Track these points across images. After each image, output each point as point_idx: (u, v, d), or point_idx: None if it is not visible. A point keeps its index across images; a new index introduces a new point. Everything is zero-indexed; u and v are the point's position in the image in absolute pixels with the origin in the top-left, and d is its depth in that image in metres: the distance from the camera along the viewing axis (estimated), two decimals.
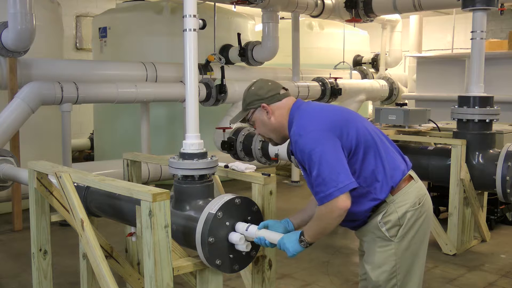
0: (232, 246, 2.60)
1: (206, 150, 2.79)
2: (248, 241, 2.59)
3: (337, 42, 10.40)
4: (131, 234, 3.11)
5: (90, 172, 3.17)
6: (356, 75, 10.36)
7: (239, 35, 7.87)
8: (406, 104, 6.19)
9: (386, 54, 11.18)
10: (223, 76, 6.92)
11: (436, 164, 5.20)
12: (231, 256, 2.61)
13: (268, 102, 2.58)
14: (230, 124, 2.90)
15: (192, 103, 2.78)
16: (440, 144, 5.40)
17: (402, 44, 11.30)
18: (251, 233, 2.56)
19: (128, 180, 3.68)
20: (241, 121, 2.70)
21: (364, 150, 2.45)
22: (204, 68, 7.19)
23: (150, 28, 8.04)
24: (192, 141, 2.77)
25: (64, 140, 5.91)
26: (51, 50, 6.81)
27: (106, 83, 6.17)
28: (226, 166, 3.13)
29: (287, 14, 8.94)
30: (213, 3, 7.30)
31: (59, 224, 5.69)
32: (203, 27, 2.81)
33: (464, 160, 4.95)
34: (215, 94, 6.89)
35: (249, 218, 2.65)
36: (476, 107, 5.04)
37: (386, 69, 11.12)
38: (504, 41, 9.01)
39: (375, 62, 11.15)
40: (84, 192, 3.19)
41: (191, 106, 2.78)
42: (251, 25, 9.14)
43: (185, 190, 2.73)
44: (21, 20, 5.30)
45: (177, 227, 2.67)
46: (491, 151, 5.03)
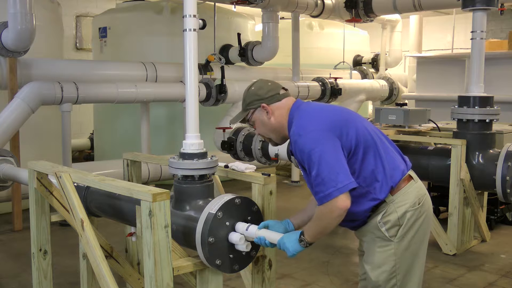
0: (232, 246, 2.60)
1: (206, 150, 2.80)
2: (248, 241, 2.59)
3: (337, 42, 10.40)
4: (131, 234, 3.11)
5: (90, 172, 3.17)
6: (356, 75, 10.35)
7: (239, 35, 7.87)
8: (406, 104, 6.19)
9: (386, 54, 11.17)
10: (223, 76, 6.92)
11: (436, 164, 5.21)
12: (231, 256, 2.61)
13: (268, 102, 2.58)
14: (230, 124, 2.90)
15: (192, 103, 2.78)
16: (440, 144, 5.40)
17: (402, 44, 11.30)
18: (251, 233, 2.56)
19: (128, 180, 3.68)
20: (241, 121, 2.70)
21: (364, 150, 2.45)
22: (204, 68, 7.19)
23: (150, 28, 8.04)
24: (192, 141, 2.77)
25: (64, 140, 5.91)
26: (51, 50, 6.81)
27: (106, 83, 6.17)
28: (226, 166, 3.13)
29: (287, 14, 8.93)
30: (213, 3, 7.30)
31: (59, 224, 5.70)
32: (203, 27, 2.81)
33: (464, 160, 4.95)
34: (215, 94, 6.89)
35: (249, 218, 2.65)
36: (476, 107, 5.04)
37: (386, 69, 11.12)
38: (504, 41, 9.00)
39: (375, 62, 11.15)
40: (84, 192, 3.19)
41: (191, 106, 2.79)
42: (251, 25, 9.14)
43: (185, 190, 2.73)
44: (21, 20, 5.30)
45: (177, 227, 2.67)
46: (491, 151, 5.03)
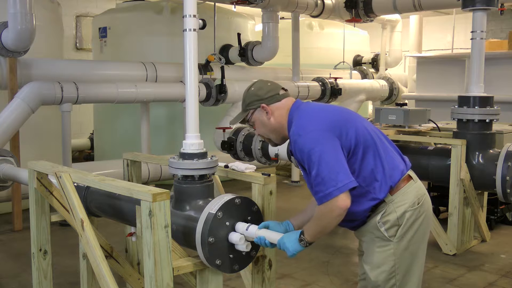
0: (232, 246, 2.60)
1: (206, 150, 2.80)
2: (248, 241, 2.59)
3: (337, 42, 10.40)
4: (131, 234, 3.11)
5: (90, 172, 3.17)
6: (356, 75, 10.35)
7: (239, 35, 7.87)
8: (406, 104, 6.19)
9: (386, 54, 11.17)
10: (223, 76, 6.92)
11: (436, 164, 5.21)
12: (231, 256, 2.61)
13: (267, 102, 2.58)
14: (230, 125, 2.90)
15: (192, 103, 2.78)
16: (440, 144, 5.40)
17: (402, 44, 11.30)
18: (251, 233, 2.56)
19: (128, 180, 3.68)
20: (241, 122, 2.70)
21: (363, 150, 2.45)
22: (204, 68, 7.19)
23: (150, 28, 8.04)
24: (192, 141, 2.77)
25: (64, 140, 5.91)
26: (51, 50, 6.81)
27: (106, 83, 6.17)
28: (226, 166, 3.13)
29: (287, 14, 8.93)
30: (213, 3, 7.30)
31: (59, 224, 5.70)
32: (203, 27, 2.81)
33: (464, 160, 4.95)
34: (215, 94, 6.89)
35: (249, 218, 2.65)
36: (476, 107, 5.04)
37: (386, 69, 11.12)
38: (504, 41, 9.01)
39: (375, 62, 11.14)
40: (84, 192, 3.19)
41: (191, 106, 2.79)
42: (251, 25, 9.14)
43: (185, 190, 2.73)
44: (21, 20, 5.30)
45: (177, 227, 2.67)
46: (491, 151, 5.03)
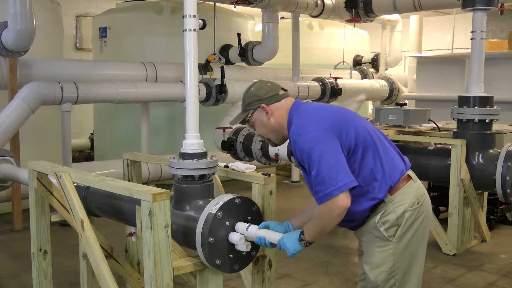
0: (232, 246, 2.60)
1: (206, 150, 2.80)
2: (248, 241, 2.59)
3: (337, 42, 10.40)
4: (131, 234, 3.11)
5: (90, 172, 3.17)
6: (356, 75, 10.35)
7: (239, 35, 7.87)
8: (406, 104, 6.19)
9: (386, 54, 11.17)
10: (223, 76, 6.92)
11: (436, 164, 5.21)
12: (231, 256, 2.61)
13: (267, 102, 2.58)
14: (230, 125, 2.90)
15: (192, 103, 2.78)
16: (440, 144, 5.40)
17: (402, 44, 11.30)
18: (251, 233, 2.56)
19: (128, 180, 3.68)
20: (240, 122, 2.70)
21: (363, 149, 2.45)
22: (204, 68, 7.19)
23: (150, 28, 8.04)
24: (192, 141, 2.77)
25: (64, 140, 5.91)
26: (51, 50, 6.81)
27: (106, 83, 6.17)
28: (226, 166, 3.13)
29: (287, 14, 8.93)
30: (213, 3, 7.30)
31: (59, 224, 5.70)
32: (203, 27, 2.81)
33: (464, 160, 4.95)
34: (215, 94, 6.89)
35: (249, 218, 2.65)
36: (476, 107, 5.04)
37: (386, 69, 11.12)
38: (504, 41, 9.01)
39: (375, 62, 11.14)
40: (84, 192, 3.19)
41: (191, 106, 2.79)
42: (251, 25, 9.14)
43: (185, 190, 2.73)
44: (21, 20, 5.30)
45: (177, 227, 2.67)
46: (491, 151, 5.03)
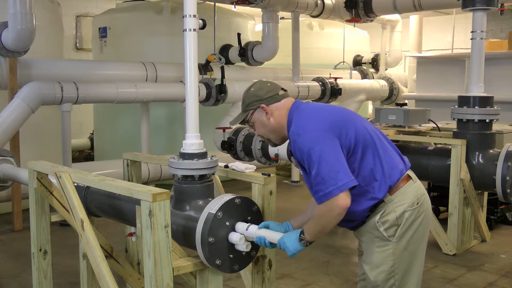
0: (232, 246, 2.60)
1: (206, 150, 2.80)
2: (248, 241, 2.59)
3: (337, 42, 10.40)
4: (131, 234, 3.11)
5: (90, 172, 3.17)
6: (356, 75, 10.35)
7: (239, 35, 7.87)
8: (406, 104, 6.19)
9: (386, 54, 11.17)
10: (223, 76, 6.92)
11: (436, 164, 5.21)
12: (231, 256, 2.61)
13: (267, 103, 2.58)
14: (230, 125, 2.90)
15: (192, 103, 2.78)
16: (440, 144, 5.40)
17: (402, 44, 11.30)
18: (251, 233, 2.56)
19: (128, 180, 3.68)
20: (240, 122, 2.70)
21: (363, 149, 2.46)
22: (204, 68, 7.19)
23: (150, 28, 8.04)
24: (192, 141, 2.77)
25: (64, 140, 5.91)
26: (51, 50, 6.81)
27: (106, 83, 6.17)
28: (226, 166, 3.13)
29: (287, 14, 8.93)
30: (213, 3, 7.30)
31: (59, 224, 5.69)
32: (203, 27, 2.81)
33: (464, 160, 4.95)
34: (215, 94, 6.89)
35: (249, 218, 2.65)
36: (476, 107, 5.04)
37: (386, 69, 11.12)
38: (504, 41, 9.01)
39: (375, 62, 11.14)
40: (84, 192, 3.19)
41: (191, 106, 2.79)
42: (251, 25, 9.14)
43: (185, 190, 2.73)
44: (21, 20, 5.30)
45: (177, 227, 2.67)
46: (491, 151, 5.03)
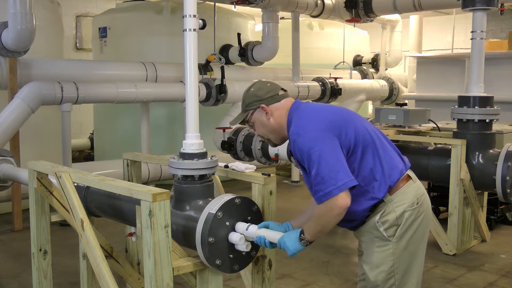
0: (232, 246, 2.60)
1: (206, 150, 2.80)
2: (248, 241, 2.59)
3: (337, 42, 10.40)
4: (131, 234, 3.11)
5: (90, 172, 3.17)
6: (356, 75, 10.35)
7: (239, 35, 7.87)
8: (406, 104, 6.19)
9: (386, 54, 11.17)
10: (223, 76, 6.92)
11: (436, 164, 5.21)
12: (231, 256, 2.61)
13: (267, 103, 2.58)
14: (230, 125, 2.90)
15: (192, 103, 2.78)
16: (440, 144, 5.40)
17: (402, 44, 11.30)
18: (251, 233, 2.56)
19: (128, 180, 3.68)
20: (240, 122, 2.70)
21: (363, 149, 2.46)
22: (204, 68, 7.19)
23: (150, 28, 8.04)
24: (192, 141, 2.77)
25: (64, 140, 5.91)
26: (51, 50, 6.81)
27: (106, 83, 6.17)
28: (226, 166, 3.13)
29: (287, 14, 8.93)
30: (213, 3, 7.30)
31: (59, 224, 5.70)
32: (203, 27, 2.81)
33: (464, 160, 4.95)
34: (215, 94, 6.89)
35: (249, 218, 2.65)
36: (476, 107, 5.04)
37: (386, 69, 11.12)
38: (504, 41, 9.01)
39: (375, 62, 11.14)
40: (84, 192, 3.19)
41: (191, 106, 2.79)
42: (251, 25, 9.14)
43: (185, 190, 2.73)
44: (21, 20, 5.30)
45: (177, 227, 2.67)
46: (491, 151, 5.03)
